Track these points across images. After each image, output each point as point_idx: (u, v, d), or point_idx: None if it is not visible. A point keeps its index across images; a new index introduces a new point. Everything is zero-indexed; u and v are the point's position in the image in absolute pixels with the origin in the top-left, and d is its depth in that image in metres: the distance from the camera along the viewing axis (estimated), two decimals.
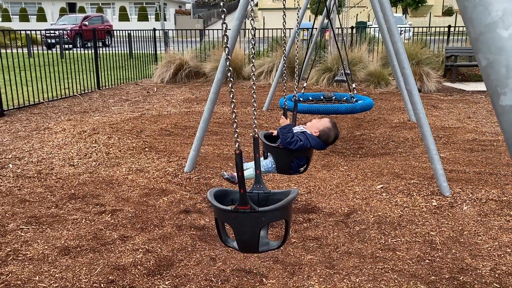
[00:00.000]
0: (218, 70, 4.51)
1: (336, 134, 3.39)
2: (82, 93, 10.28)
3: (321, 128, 3.36)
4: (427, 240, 3.42)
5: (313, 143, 3.27)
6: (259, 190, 2.33)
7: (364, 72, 11.16)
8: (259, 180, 2.37)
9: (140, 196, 4.23)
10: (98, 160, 5.28)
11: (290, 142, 3.13)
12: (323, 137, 3.36)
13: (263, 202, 2.31)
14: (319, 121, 3.38)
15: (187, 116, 7.77)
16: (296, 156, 3.27)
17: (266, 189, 2.33)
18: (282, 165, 3.29)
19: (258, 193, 2.31)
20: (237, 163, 2.03)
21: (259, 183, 2.36)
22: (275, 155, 3.29)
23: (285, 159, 3.25)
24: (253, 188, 2.36)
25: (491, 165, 5.10)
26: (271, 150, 3.30)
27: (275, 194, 2.30)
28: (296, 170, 3.36)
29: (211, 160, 5.29)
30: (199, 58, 12.89)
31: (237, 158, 2.02)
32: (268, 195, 2.32)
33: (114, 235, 3.46)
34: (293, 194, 2.13)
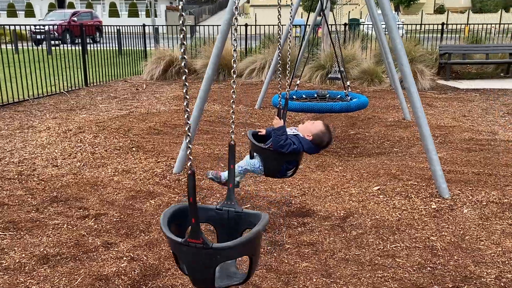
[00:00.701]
0: (208, 67, 4.31)
1: (330, 138, 3.22)
2: (69, 90, 10.00)
3: (315, 132, 3.18)
4: (428, 245, 3.26)
5: (306, 147, 3.10)
6: (230, 207, 2.09)
7: (358, 69, 11.01)
8: (230, 195, 2.14)
9: (126, 199, 4.02)
10: (83, 161, 5.05)
11: (283, 145, 2.96)
12: (316, 141, 3.18)
13: (233, 223, 2.08)
14: (313, 124, 3.20)
15: (177, 114, 7.54)
16: (287, 160, 3.10)
17: (238, 207, 2.09)
18: (271, 168, 3.11)
19: (228, 211, 2.08)
20: (189, 186, 1.74)
21: (230, 199, 2.13)
22: (264, 157, 3.11)
23: (274, 162, 3.07)
24: (223, 204, 2.12)
25: (489, 166, 4.96)
26: (260, 151, 3.12)
27: (248, 216, 2.06)
28: (284, 174, 3.19)
29: (201, 160, 5.09)
30: (189, 55, 12.64)
31: (189, 180, 1.74)
32: (239, 215, 2.08)
33: (97, 242, 3.25)
34: (261, 224, 1.88)
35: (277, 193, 4.19)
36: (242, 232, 2.10)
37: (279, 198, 4.09)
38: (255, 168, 3.21)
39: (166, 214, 1.94)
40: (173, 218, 1.95)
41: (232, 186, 2.17)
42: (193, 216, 1.73)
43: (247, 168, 3.26)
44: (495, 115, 7.68)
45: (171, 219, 1.94)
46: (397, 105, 8.45)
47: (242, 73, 11.75)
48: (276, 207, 3.93)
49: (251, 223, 2.02)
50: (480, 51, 12.28)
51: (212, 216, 2.09)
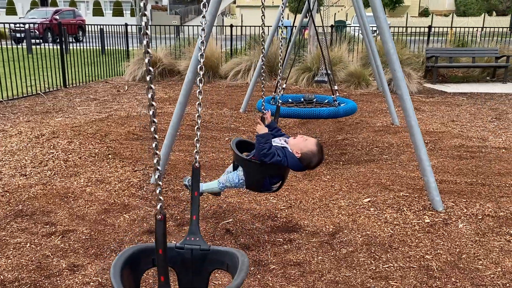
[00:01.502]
0: (189, 70, 4.03)
1: (319, 160, 2.92)
2: (46, 91, 9.59)
3: (305, 151, 2.89)
4: (423, 265, 3.03)
5: (290, 163, 2.83)
6: (194, 244, 1.72)
7: (344, 72, 10.82)
8: (194, 229, 1.76)
9: (97, 213, 3.71)
10: (54, 169, 4.71)
11: (266, 154, 2.69)
12: (304, 161, 2.90)
13: (198, 264, 1.71)
14: (305, 141, 2.89)
15: (158, 118, 7.23)
16: (270, 174, 2.84)
17: (204, 244, 1.72)
18: (252, 182, 2.85)
19: (192, 250, 1.71)
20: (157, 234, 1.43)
21: (194, 233, 1.75)
22: (245, 169, 2.84)
23: (256, 175, 2.80)
24: (185, 241, 1.73)
25: (482, 175, 4.78)
26: (241, 162, 2.85)
27: (218, 254, 1.69)
28: (268, 188, 2.92)
29: (181, 169, 4.80)
30: (173, 55, 12.32)
31: (158, 227, 1.44)
32: (205, 254, 1.70)
33: (62, 264, 2.94)
34: (241, 275, 1.50)
35: (262, 205, 3.93)
36: (210, 274, 1.75)
37: (264, 211, 3.83)
38: (234, 183, 2.94)
39: (119, 259, 1.57)
40: (127, 263, 1.60)
41: (196, 218, 1.81)
42: (162, 272, 1.44)
43: (226, 185, 3.00)
44: (484, 120, 7.55)
45: (125, 264, 1.58)
46: (384, 109, 8.27)
47: (227, 74, 11.48)
48: (261, 221, 3.67)
49: (222, 263, 1.69)
50: (466, 55, 12.22)
51: (171, 257, 1.70)
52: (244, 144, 3.00)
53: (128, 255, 1.62)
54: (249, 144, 3.00)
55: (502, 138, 6.37)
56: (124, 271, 1.54)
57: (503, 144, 6.01)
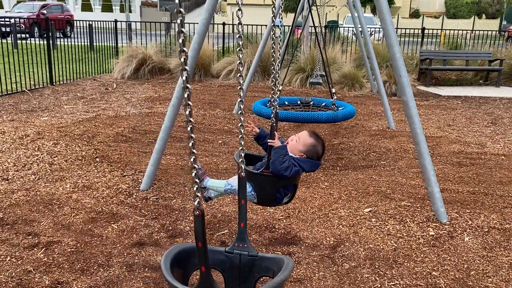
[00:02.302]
0: None
1: (322, 144, 2.74)
2: (32, 88, 9.27)
3: (307, 149, 2.70)
4: (430, 283, 2.87)
5: (307, 167, 2.63)
6: (242, 250, 1.73)
7: (338, 73, 10.68)
8: (243, 236, 1.77)
9: (84, 223, 3.49)
10: (39, 173, 4.47)
11: (287, 167, 2.48)
12: (312, 156, 2.71)
13: (245, 270, 1.72)
14: (299, 139, 2.69)
15: (148, 118, 7.00)
16: (284, 185, 2.63)
17: (252, 250, 1.73)
18: (265, 197, 2.63)
19: (241, 255, 1.72)
20: (196, 229, 1.43)
21: (242, 240, 1.76)
22: (257, 184, 2.63)
23: (269, 189, 2.59)
24: (233, 246, 1.75)
25: (484, 183, 4.65)
26: (252, 178, 2.64)
27: (264, 261, 1.70)
28: (280, 201, 2.72)
29: (173, 174, 4.58)
30: (164, 53, 12.05)
31: (197, 222, 1.43)
32: (253, 260, 1.72)
33: (44, 281, 2.72)
34: (287, 270, 1.51)
35: (259, 215, 3.74)
36: (257, 281, 1.76)
37: (261, 221, 3.64)
38: (247, 192, 2.72)
39: (168, 256, 1.56)
40: (176, 261, 1.58)
41: (244, 225, 1.79)
42: (203, 263, 1.43)
43: (236, 190, 2.78)
44: (480, 125, 7.45)
45: (174, 262, 1.56)
46: (379, 112, 8.14)
47: (219, 74, 11.26)
48: (258, 232, 3.48)
49: (268, 269, 1.70)
50: (460, 57, 12.15)
51: (220, 260, 1.74)
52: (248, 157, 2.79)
53: (177, 252, 1.62)
54: (252, 157, 2.79)
55: (500, 144, 6.26)
56: (174, 268, 1.54)
57: (502, 151, 5.90)
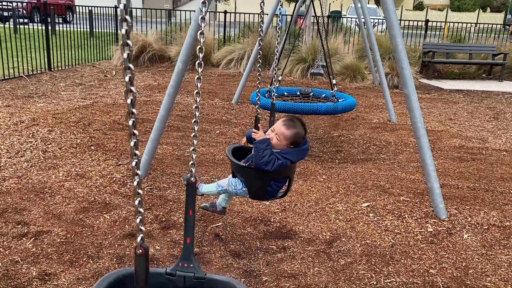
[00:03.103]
0: (179, 60, 3.72)
1: (302, 124, 2.59)
2: (30, 74, 9.17)
3: (291, 140, 2.55)
4: (428, 281, 2.80)
5: (294, 158, 2.53)
6: (187, 271, 1.52)
7: (340, 64, 10.55)
8: (188, 254, 1.55)
9: (75, 212, 3.42)
10: (32, 160, 4.39)
11: (267, 162, 2.39)
12: (299, 141, 2.58)
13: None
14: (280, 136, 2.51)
15: (146, 107, 6.91)
16: (274, 178, 2.55)
17: (199, 272, 1.52)
18: (256, 191, 2.55)
19: (185, 277, 1.51)
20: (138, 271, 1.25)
21: (188, 259, 1.55)
22: (246, 178, 2.55)
23: (258, 183, 2.51)
24: (176, 266, 1.54)
25: (484, 179, 4.57)
26: (241, 171, 2.56)
27: (213, 283, 1.50)
28: (274, 196, 2.64)
29: (168, 164, 4.51)
30: (164, 41, 11.91)
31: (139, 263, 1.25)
32: (200, 283, 1.51)
33: (32, 272, 2.65)
34: None
35: (254, 208, 3.67)
36: None
37: (256, 214, 3.56)
38: (237, 190, 2.64)
39: (102, 284, 1.36)
40: None
41: (190, 241, 1.58)
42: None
43: (228, 189, 2.70)
44: (482, 120, 7.36)
45: None
46: (381, 104, 8.04)
47: (219, 63, 11.14)
48: (252, 225, 3.41)
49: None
50: (464, 51, 12.01)
51: (160, 284, 1.51)
52: (240, 151, 2.70)
53: (111, 281, 1.40)
54: (246, 150, 2.71)
55: (502, 139, 6.17)
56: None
57: (504, 146, 5.81)
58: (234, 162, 2.49)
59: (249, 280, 2.77)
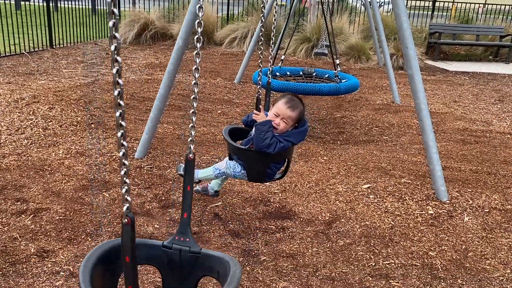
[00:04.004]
0: (180, 37, 3.65)
1: (301, 103, 2.60)
2: (31, 51, 9.09)
3: (297, 121, 2.55)
4: (426, 263, 2.79)
5: (295, 139, 2.51)
6: (183, 245, 1.53)
7: (345, 44, 10.40)
8: (185, 228, 1.56)
9: (75, 190, 3.41)
10: (32, 138, 4.37)
11: (269, 144, 2.36)
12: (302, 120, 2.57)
13: (186, 267, 1.52)
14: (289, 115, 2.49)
15: (147, 85, 6.85)
16: (274, 160, 2.52)
17: (195, 246, 1.53)
18: (255, 173, 2.53)
19: (180, 251, 1.52)
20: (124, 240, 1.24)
21: (184, 233, 1.55)
22: (245, 161, 2.52)
23: (259, 165, 2.48)
24: (173, 240, 1.54)
25: (487, 162, 4.53)
26: (240, 154, 2.53)
27: (208, 259, 1.51)
28: (272, 177, 2.62)
29: (169, 143, 4.48)
30: (166, 18, 11.76)
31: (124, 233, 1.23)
32: (195, 257, 1.52)
33: (30, 249, 2.66)
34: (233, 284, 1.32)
35: (254, 188, 3.65)
36: (198, 280, 1.56)
37: (256, 194, 3.55)
38: (236, 172, 2.62)
39: (94, 254, 1.36)
40: (103, 260, 1.38)
41: (187, 216, 1.59)
42: (130, 282, 1.25)
43: (226, 172, 2.68)
44: (487, 102, 7.27)
45: (100, 261, 1.36)
46: (385, 86, 7.95)
47: (222, 41, 11.00)
48: (252, 205, 3.39)
49: (212, 269, 1.49)
50: (471, 32, 11.81)
51: (156, 256, 1.53)
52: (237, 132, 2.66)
53: (104, 251, 1.40)
54: (243, 131, 2.67)
55: (506, 122, 6.10)
56: (96, 270, 1.33)
57: (508, 129, 5.75)
58: (232, 144, 2.46)
59: (248, 259, 2.76)
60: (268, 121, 2.44)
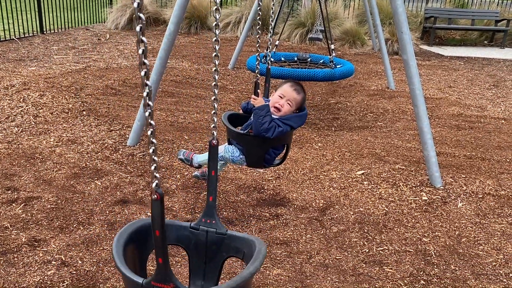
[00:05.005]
0: (171, 21, 3.58)
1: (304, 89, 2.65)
2: (22, 37, 8.94)
3: (301, 103, 2.59)
4: (420, 250, 2.79)
5: (295, 124, 2.50)
6: (210, 227, 1.57)
7: (339, 29, 10.30)
8: (211, 211, 1.60)
9: (66, 178, 3.37)
10: (22, 126, 4.31)
11: (267, 129, 2.35)
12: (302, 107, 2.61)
13: (212, 249, 1.56)
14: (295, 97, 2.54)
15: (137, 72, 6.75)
16: (273, 145, 2.50)
17: (221, 227, 1.57)
18: (254, 158, 2.51)
19: (207, 232, 1.57)
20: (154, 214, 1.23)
21: (210, 215, 1.59)
22: (245, 146, 2.50)
23: (257, 150, 2.46)
24: (200, 222, 1.59)
25: (481, 148, 4.53)
26: (237, 138, 2.50)
27: (234, 240, 1.55)
28: (271, 163, 2.61)
29: (162, 130, 4.44)
30: (159, 3, 11.59)
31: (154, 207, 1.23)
32: (221, 238, 1.56)
33: (21, 238, 2.63)
34: (257, 261, 1.34)
35: (248, 175, 3.63)
36: (224, 261, 1.60)
37: (250, 181, 3.53)
38: (234, 157, 2.60)
39: (124, 233, 1.40)
40: (133, 238, 1.42)
41: (213, 199, 1.63)
42: (160, 255, 1.26)
43: (224, 156, 2.66)
44: (482, 87, 7.25)
45: (131, 239, 1.41)
46: (380, 71, 7.91)
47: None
48: (246, 193, 3.38)
49: (238, 250, 1.55)
50: (466, 16, 11.74)
51: (184, 237, 1.59)
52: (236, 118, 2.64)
53: (135, 229, 1.46)
54: (241, 117, 2.65)
55: (501, 107, 6.10)
56: (129, 248, 1.39)
57: (502, 114, 5.75)
58: (231, 129, 2.43)
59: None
60: (266, 105, 2.42)
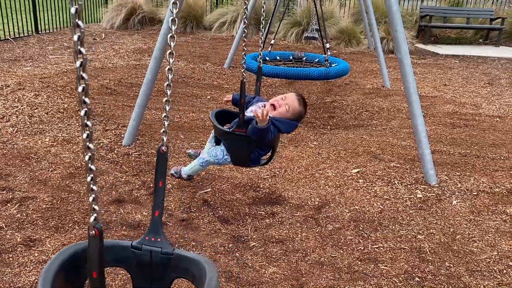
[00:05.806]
0: (166, 20, 3.58)
1: (306, 108, 2.73)
2: (17, 37, 8.91)
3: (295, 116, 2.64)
4: (415, 247, 2.81)
5: (284, 128, 2.52)
6: (154, 246, 1.38)
7: (335, 28, 10.32)
8: (156, 227, 1.40)
9: (62, 178, 3.37)
10: (17, 126, 4.30)
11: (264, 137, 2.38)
12: (297, 119, 2.65)
13: (158, 270, 1.39)
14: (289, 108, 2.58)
15: (135, 71, 6.75)
16: (258, 146, 2.52)
17: (167, 246, 1.38)
18: (238, 157, 2.52)
19: (151, 252, 1.37)
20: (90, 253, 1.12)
21: (155, 232, 1.39)
22: (229, 144, 2.52)
23: (243, 149, 2.48)
24: (143, 240, 1.39)
25: (476, 145, 4.55)
26: (223, 136, 2.51)
27: (181, 260, 1.36)
28: (257, 162, 2.62)
29: (157, 129, 4.44)
30: (155, 2, 11.58)
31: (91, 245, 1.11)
32: (168, 258, 1.37)
33: (16, 238, 2.62)
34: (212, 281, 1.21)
35: (244, 174, 3.64)
36: (171, 282, 1.43)
37: (246, 180, 3.54)
38: (218, 159, 2.62)
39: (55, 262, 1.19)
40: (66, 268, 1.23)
41: (159, 214, 1.44)
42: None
43: (209, 160, 2.68)
44: (477, 85, 7.28)
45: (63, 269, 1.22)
46: (375, 70, 7.92)
47: (211, 25, 10.87)
48: (242, 191, 3.38)
49: (187, 271, 1.37)
50: (461, 15, 11.77)
51: (124, 257, 1.39)
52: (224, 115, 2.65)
53: (68, 256, 1.25)
54: (230, 114, 2.65)
55: (495, 105, 6.13)
56: (58, 277, 1.18)
57: (497, 112, 5.77)
58: (218, 127, 2.44)
59: (237, 245, 2.76)
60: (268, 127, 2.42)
